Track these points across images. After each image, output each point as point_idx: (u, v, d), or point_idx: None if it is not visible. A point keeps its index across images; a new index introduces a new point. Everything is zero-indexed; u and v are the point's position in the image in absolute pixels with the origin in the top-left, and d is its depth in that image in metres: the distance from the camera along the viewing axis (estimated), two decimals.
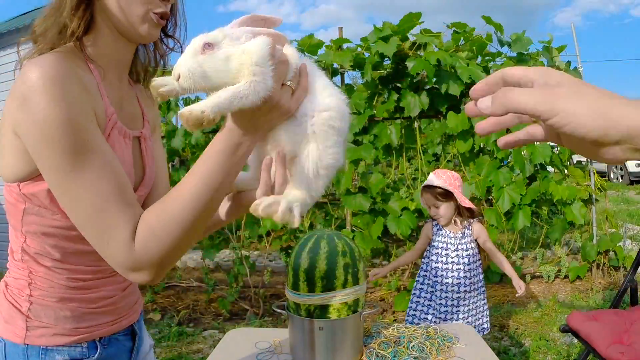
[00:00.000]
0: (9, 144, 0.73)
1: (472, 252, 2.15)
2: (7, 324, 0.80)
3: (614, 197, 8.61)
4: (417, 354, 1.46)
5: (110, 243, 0.68)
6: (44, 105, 0.68)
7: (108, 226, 0.68)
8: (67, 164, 0.68)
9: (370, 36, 3.47)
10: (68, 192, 0.69)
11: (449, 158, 4.18)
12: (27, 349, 0.78)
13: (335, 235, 1.47)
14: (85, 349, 0.83)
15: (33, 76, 0.71)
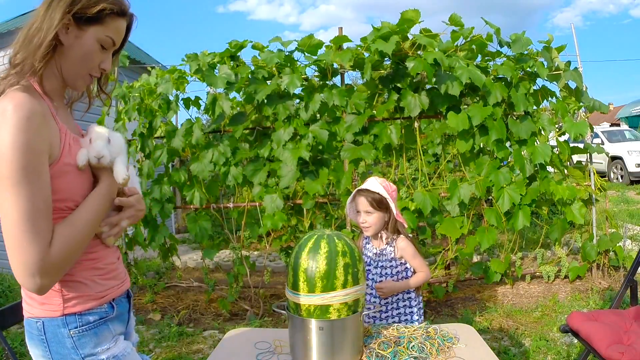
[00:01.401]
0: None
1: (393, 271, 1.99)
2: (44, 304, 1.01)
3: (614, 197, 8.60)
4: (417, 354, 1.46)
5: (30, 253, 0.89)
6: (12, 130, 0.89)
7: (35, 238, 0.89)
8: (15, 179, 0.89)
9: (370, 36, 3.47)
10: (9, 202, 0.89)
11: (449, 158, 4.18)
12: (65, 318, 1.00)
13: (335, 235, 1.47)
14: (106, 308, 1.07)
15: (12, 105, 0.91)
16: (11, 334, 3.41)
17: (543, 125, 3.62)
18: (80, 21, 1.02)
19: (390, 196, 1.96)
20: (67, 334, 1.01)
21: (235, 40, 3.66)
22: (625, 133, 12.99)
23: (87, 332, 1.03)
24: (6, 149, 0.88)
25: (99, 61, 1.07)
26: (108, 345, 1.06)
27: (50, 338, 1.01)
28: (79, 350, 1.02)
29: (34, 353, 1.04)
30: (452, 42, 3.59)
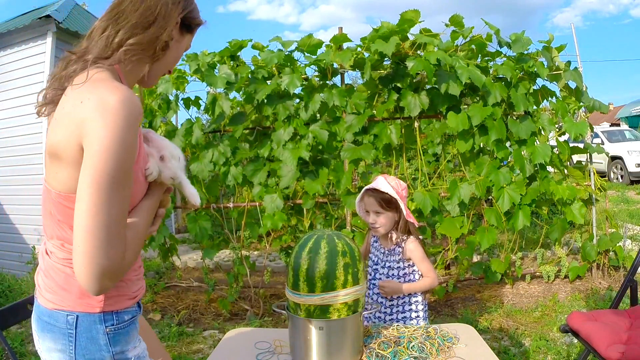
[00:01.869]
0: (73, 155, 0.89)
1: (400, 273, 1.95)
2: (83, 298, 0.97)
3: (614, 197, 8.60)
4: (417, 354, 1.46)
5: (105, 256, 0.87)
6: (117, 128, 0.85)
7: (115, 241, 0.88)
8: (106, 186, 0.85)
9: (370, 36, 3.47)
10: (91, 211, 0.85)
11: (449, 158, 4.18)
12: (103, 315, 0.99)
13: (335, 235, 1.47)
14: (136, 308, 1.08)
15: (117, 99, 0.86)
16: (11, 334, 3.41)
17: (543, 125, 3.61)
18: (183, 27, 1.06)
19: (400, 195, 1.90)
20: (102, 330, 0.99)
21: (235, 39, 3.66)
22: (625, 133, 12.99)
23: (121, 330, 1.02)
24: (109, 147, 0.84)
25: (176, 63, 1.11)
26: (134, 344, 1.05)
27: (80, 332, 0.97)
28: (111, 348, 1.00)
29: (48, 346, 0.99)
30: (452, 42, 3.59)
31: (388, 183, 1.91)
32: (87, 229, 0.85)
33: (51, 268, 1.00)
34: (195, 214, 3.89)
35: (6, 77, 5.36)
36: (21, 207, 5.30)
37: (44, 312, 1.00)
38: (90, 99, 0.87)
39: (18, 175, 5.30)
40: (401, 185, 1.94)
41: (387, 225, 1.93)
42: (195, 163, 3.75)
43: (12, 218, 5.38)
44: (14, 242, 5.34)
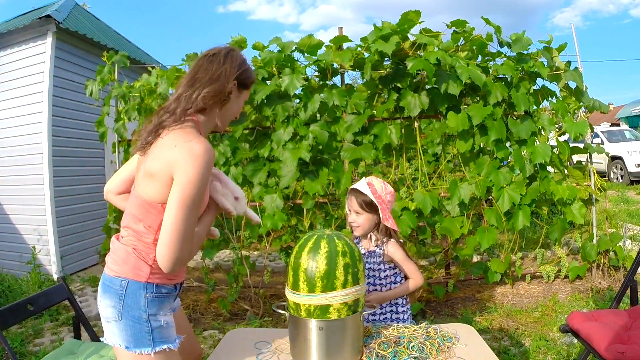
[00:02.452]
0: (165, 180, 1.29)
1: (382, 274, 1.94)
2: (134, 270, 1.36)
3: (614, 197, 8.60)
4: (417, 354, 1.46)
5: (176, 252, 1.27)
6: (199, 169, 1.25)
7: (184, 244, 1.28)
8: (186, 205, 1.26)
9: (370, 36, 3.47)
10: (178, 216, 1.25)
11: (449, 158, 4.18)
12: (147, 284, 1.36)
13: (335, 235, 1.47)
14: (172, 287, 1.44)
15: (203, 151, 1.26)
16: (11, 334, 3.41)
17: (543, 125, 3.61)
18: (240, 85, 1.44)
19: (383, 200, 1.90)
20: (144, 295, 1.35)
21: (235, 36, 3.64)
22: (625, 133, 12.98)
23: (157, 299, 1.38)
24: (193, 180, 1.25)
25: (236, 115, 1.49)
26: (165, 313, 1.40)
27: (129, 294, 1.34)
28: (147, 309, 1.35)
29: (105, 303, 1.37)
30: (452, 42, 3.59)
31: (371, 185, 1.91)
32: (172, 232, 1.25)
33: (119, 248, 1.40)
34: None
35: (6, 77, 5.36)
36: (21, 207, 5.30)
37: (106, 278, 1.39)
38: (183, 146, 1.26)
39: (18, 175, 5.30)
40: (386, 189, 1.94)
41: (366, 226, 1.94)
42: None
43: (12, 218, 5.38)
44: (14, 242, 5.34)
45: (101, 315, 1.39)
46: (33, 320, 3.72)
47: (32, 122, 5.14)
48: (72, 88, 5.41)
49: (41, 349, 3.21)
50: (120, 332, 1.35)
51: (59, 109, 5.23)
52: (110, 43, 6.00)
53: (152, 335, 1.35)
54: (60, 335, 3.45)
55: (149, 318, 1.35)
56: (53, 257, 5.08)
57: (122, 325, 1.34)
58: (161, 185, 1.29)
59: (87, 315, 3.78)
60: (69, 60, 5.42)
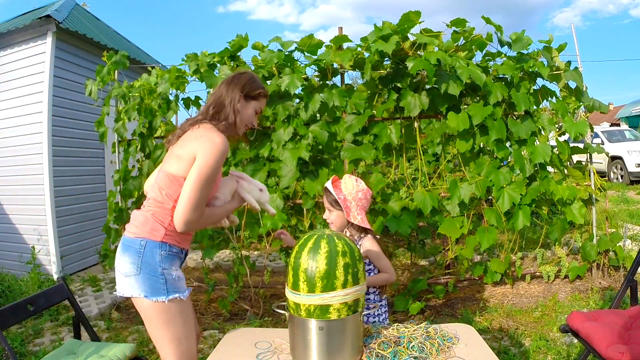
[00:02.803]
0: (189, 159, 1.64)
1: None
2: (152, 231, 1.67)
3: (614, 197, 8.60)
4: (417, 354, 1.46)
5: (189, 215, 1.62)
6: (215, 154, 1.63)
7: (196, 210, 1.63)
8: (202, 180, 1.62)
9: (370, 36, 3.47)
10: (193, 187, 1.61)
11: (449, 158, 4.18)
12: (161, 243, 1.67)
13: (335, 235, 1.47)
14: (178, 249, 1.73)
15: (220, 142, 1.65)
16: (11, 334, 3.41)
17: (543, 125, 3.61)
18: (246, 98, 1.81)
19: (353, 198, 1.95)
20: (159, 253, 1.66)
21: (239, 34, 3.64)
22: (625, 133, 12.99)
23: (169, 256, 1.69)
24: (209, 163, 1.61)
25: (252, 120, 1.85)
26: (176, 269, 1.72)
27: (146, 252, 1.65)
28: (162, 264, 1.66)
29: (124, 260, 1.66)
30: (452, 42, 3.58)
31: (342, 184, 1.98)
32: (187, 199, 1.60)
33: (138, 215, 1.72)
34: None
35: (6, 77, 5.36)
36: (21, 207, 5.30)
37: (126, 239, 1.69)
38: (206, 136, 1.65)
39: (18, 175, 5.30)
40: (357, 187, 1.99)
41: (338, 223, 2.01)
42: None
43: (12, 218, 5.38)
44: (14, 242, 5.34)
45: (118, 272, 1.68)
46: (33, 320, 3.72)
47: (32, 122, 5.14)
48: (72, 88, 5.41)
49: (41, 349, 3.21)
50: (139, 284, 1.64)
51: (59, 109, 5.23)
52: (110, 43, 6.00)
53: (166, 286, 1.65)
54: (60, 335, 3.45)
55: (163, 272, 1.65)
56: (53, 257, 5.08)
57: (141, 278, 1.64)
58: (185, 164, 1.64)
59: (87, 315, 3.78)
60: (69, 60, 5.42)
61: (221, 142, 1.63)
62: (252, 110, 1.83)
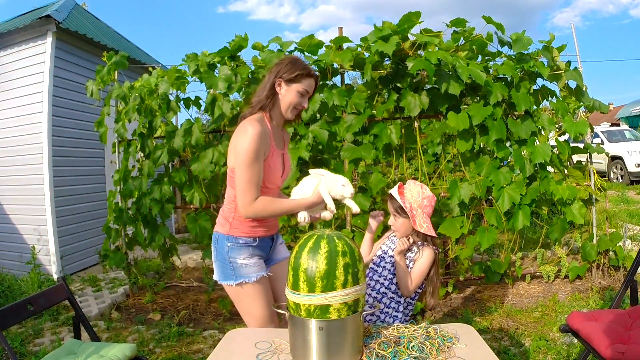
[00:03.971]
0: (233, 151, 1.81)
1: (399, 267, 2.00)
2: (221, 226, 1.92)
3: (614, 197, 8.60)
4: (417, 354, 1.46)
5: (244, 198, 1.77)
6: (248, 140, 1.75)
7: (248, 192, 1.77)
8: (242, 166, 1.75)
9: (370, 36, 3.47)
10: (240, 173, 1.76)
11: (449, 158, 4.18)
12: (227, 236, 1.89)
13: (335, 235, 1.47)
14: (251, 239, 1.91)
15: (251, 129, 1.75)
16: (11, 334, 3.41)
17: (543, 125, 3.61)
18: (287, 81, 1.86)
19: (419, 205, 1.94)
20: (226, 244, 1.89)
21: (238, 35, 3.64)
22: (625, 133, 12.98)
23: (236, 247, 1.89)
24: (246, 149, 1.74)
25: (299, 102, 1.89)
26: (244, 257, 1.89)
27: (218, 243, 1.91)
28: (229, 254, 1.89)
29: (212, 251, 1.95)
30: (452, 42, 3.58)
31: (406, 190, 1.97)
32: (238, 184, 1.77)
33: (220, 213, 1.96)
34: (196, 214, 3.89)
35: (6, 77, 5.36)
36: (21, 207, 5.30)
37: (213, 233, 1.95)
38: (241, 127, 1.80)
39: (18, 175, 5.30)
40: (424, 194, 1.97)
41: (402, 230, 2.00)
42: (195, 163, 3.75)
43: (12, 218, 5.38)
44: (14, 242, 5.34)
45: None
46: (33, 320, 3.72)
47: (32, 122, 5.14)
48: (72, 88, 5.41)
49: (41, 349, 3.21)
50: (216, 269, 1.95)
51: (59, 109, 5.23)
52: (110, 43, 6.00)
53: (234, 272, 1.89)
54: (60, 335, 3.45)
55: (231, 260, 1.89)
56: (53, 257, 5.08)
57: (216, 265, 1.94)
58: (231, 156, 1.83)
59: (87, 315, 3.78)
60: (69, 60, 5.42)
61: (251, 129, 1.74)
62: (294, 93, 1.86)
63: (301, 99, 1.89)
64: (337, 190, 1.81)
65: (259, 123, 1.79)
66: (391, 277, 2.02)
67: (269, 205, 1.81)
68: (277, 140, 1.92)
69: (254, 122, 1.78)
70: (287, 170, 2.02)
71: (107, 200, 4.31)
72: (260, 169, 1.78)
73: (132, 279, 4.34)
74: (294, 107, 1.89)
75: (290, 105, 1.88)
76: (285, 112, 1.90)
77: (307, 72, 1.87)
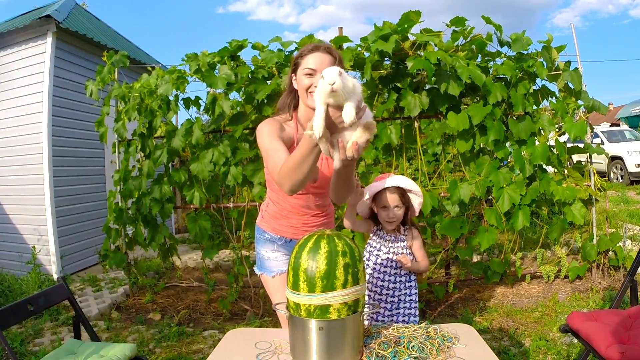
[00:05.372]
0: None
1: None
2: (259, 217, 2.00)
3: (614, 197, 8.60)
4: (417, 354, 1.46)
5: (270, 165, 1.68)
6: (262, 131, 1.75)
7: (271, 159, 1.67)
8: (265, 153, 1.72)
9: (370, 36, 3.47)
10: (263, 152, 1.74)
11: (449, 158, 4.18)
12: (258, 228, 1.99)
13: (335, 235, 1.47)
14: (277, 237, 1.95)
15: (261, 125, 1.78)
16: (11, 334, 3.41)
17: (543, 125, 3.61)
18: (294, 72, 1.82)
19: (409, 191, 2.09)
20: (257, 235, 2.00)
21: (235, 39, 3.66)
22: (625, 133, 12.98)
23: (261, 239, 1.98)
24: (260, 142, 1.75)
25: (308, 84, 1.74)
26: (267, 250, 1.97)
27: (256, 234, 2.02)
28: (258, 245, 2.00)
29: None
30: (452, 42, 3.58)
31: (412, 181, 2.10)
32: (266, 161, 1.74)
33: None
34: (195, 214, 3.89)
35: (6, 77, 5.36)
36: (21, 207, 5.30)
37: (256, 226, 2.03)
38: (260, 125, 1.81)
39: (18, 175, 5.30)
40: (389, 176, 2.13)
41: (401, 218, 2.10)
42: (195, 163, 3.75)
43: (12, 218, 5.38)
44: (14, 242, 5.34)
45: None
46: (33, 320, 3.72)
47: (32, 122, 5.14)
48: (72, 88, 5.41)
49: (41, 349, 3.21)
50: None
51: (59, 109, 5.23)
52: (110, 43, 6.00)
53: (260, 263, 2.00)
54: (60, 335, 3.45)
55: (259, 251, 1.98)
56: (53, 257, 5.08)
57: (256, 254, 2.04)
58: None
59: (87, 315, 3.78)
60: (69, 60, 5.42)
61: (262, 124, 1.78)
62: (301, 78, 1.75)
63: (311, 79, 1.72)
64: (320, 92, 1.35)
65: (272, 119, 1.82)
66: (395, 272, 2.09)
67: (286, 162, 1.55)
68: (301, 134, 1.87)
69: (268, 120, 1.81)
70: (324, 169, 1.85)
71: (107, 200, 4.31)
72: (279, 143, 1.68)
73: (132, 279, 4.34)
74: (308, 91, 1.73)
75: (304, 90, 1.75)
76: (304, 101, 1.76)
77: (303, 51, 1.76)
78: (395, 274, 2.09)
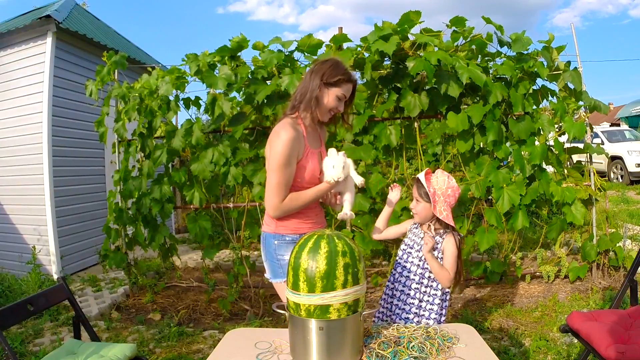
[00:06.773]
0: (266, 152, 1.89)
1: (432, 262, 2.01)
2: (267, 225, 1.95)
3: (614, 197, 8.60)
4: (417, 354, 1.46)
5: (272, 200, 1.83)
6: (279, 144, 1.79)
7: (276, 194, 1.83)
8: (272, 168, 1.81)
9: (370, 36, 3.47)
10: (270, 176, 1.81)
11: (448, 158, 4.18)
12: (274, 234, 1.92)
13: (335, 235, 1.47)
14: (298, 237, 1.88)
15: (285, 134, 1.79)
16: (11, 334, 3.41)
17: (543, 125, 3.61)
18: (327, 85, 1.86)
19: (442, 193, 1.98)
20: (273, 242, 1.93)
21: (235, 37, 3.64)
22: (625, 133, 12.98)
23: (283, 244, 1.92)
24: (277, 153, 1.78)
25: (335, 106, 1.90)
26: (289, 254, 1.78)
27: (266, 242, 1.95)
28: (276, 252, 1.92)
29: (262, 251, 2.00)
30: (452, 42, 3.58)
31: (433, 177, 2.03)
32: (267, 185, 1.84)
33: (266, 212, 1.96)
34: (195, 214, 3.89)
35: (6, 77, 5.36)
36: (21, 207, 5.30)
37: (262, 233, 1.99)
38: (274, 131, 1.84)
39: (18, 175, 5.30)
40: (449, 184, 2.00)
41: (423, 214, 2.04)
42: (195, 163, 3.75)
43: (12, 218, 5.38)
44: (14, 242, 5.34)
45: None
46: (33, 320, 3.72)
47: (32, 122, 5.14)
48: (72, 88, 5.41)
49: (41, 349, 3.21)
50: (267, 268, 1.99)
51: (59, 109, 5.23)
52: (110, 43, 6.00)
53: (283, 270, 1.91)
54: (60, 335, 3.45)
55: (278, 257, 1.92)
56: (53, 257, 5.08)
57: (267, 264, 1.99)
58: (266, 158, 1.87)
59: (87, 315, 3.78)
60: (69, 60, 5.42)
61: (284, 133, 1.77)
62: (333, 97, 1.87)
63: (338, 102, 1.89)
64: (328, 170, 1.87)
65: (292, 127, 1.81)
66: (421, 272, 2.01)
67: (294, 200, 1.84)
68: (312, 140, 1.94)
69: (288, 127, 1.80)
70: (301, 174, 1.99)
71: (107, 200, 4.30)
72: (291, 172, 1.81)
73: (132, 279, 4.34)
74: (330, 110, 1.90)
75: (328, 108, 1.89)
76: (322, 115, 1.90)
77: (347, 77, 1.88)
78: (421, 277, 2.02)
